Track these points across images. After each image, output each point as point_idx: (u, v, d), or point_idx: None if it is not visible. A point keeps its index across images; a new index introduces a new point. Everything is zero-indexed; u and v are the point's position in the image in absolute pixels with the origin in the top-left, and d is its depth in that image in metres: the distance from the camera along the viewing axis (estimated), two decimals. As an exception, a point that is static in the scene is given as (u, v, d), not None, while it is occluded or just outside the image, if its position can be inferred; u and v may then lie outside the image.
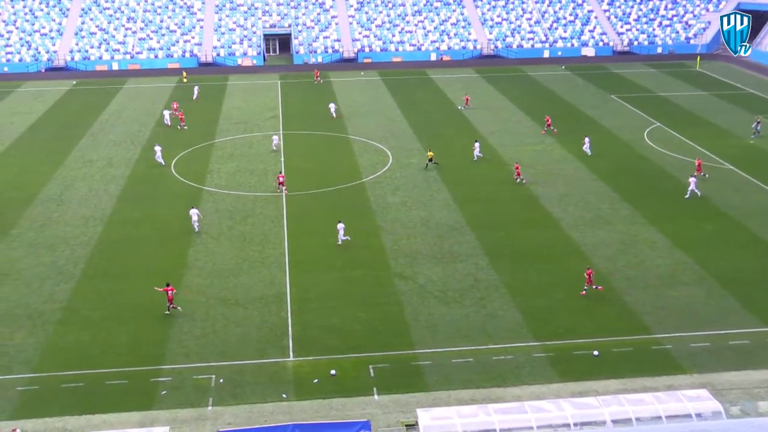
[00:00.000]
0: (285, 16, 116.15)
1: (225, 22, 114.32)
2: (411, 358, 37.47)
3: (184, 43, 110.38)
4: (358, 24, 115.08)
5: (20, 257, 48.44)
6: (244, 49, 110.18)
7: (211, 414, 33.59)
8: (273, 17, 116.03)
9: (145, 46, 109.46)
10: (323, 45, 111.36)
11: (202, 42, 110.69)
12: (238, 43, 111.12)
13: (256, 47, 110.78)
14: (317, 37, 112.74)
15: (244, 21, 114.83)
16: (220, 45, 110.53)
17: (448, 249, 48.72)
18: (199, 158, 67.45)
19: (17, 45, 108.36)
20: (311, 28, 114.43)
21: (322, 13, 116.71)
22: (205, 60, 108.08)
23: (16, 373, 36.57)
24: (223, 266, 46.86)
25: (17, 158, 68.52)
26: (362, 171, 63.33)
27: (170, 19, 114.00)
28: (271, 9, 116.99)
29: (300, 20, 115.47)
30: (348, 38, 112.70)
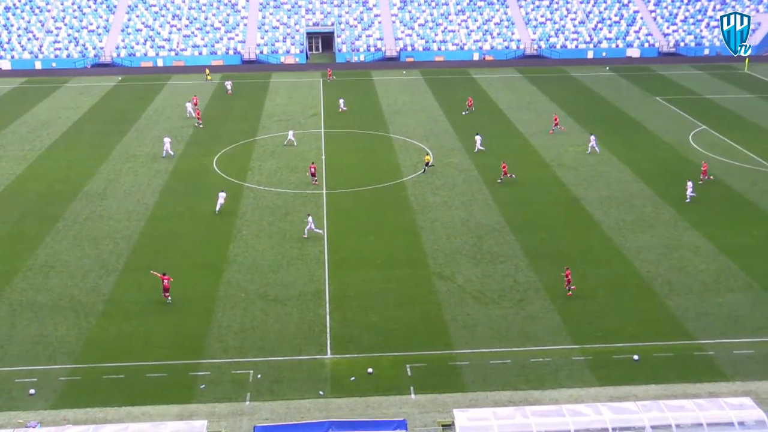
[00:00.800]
0: (328, 14, 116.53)
1: (269, 20, 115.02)
2: (448, 358, 37.34)
3: (228, 40, 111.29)
4: (400, 23, 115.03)
5: (65, 250, 49.22)
6: (287, 47, 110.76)
7: (248, 409, 33.81)
8: (316, 15, 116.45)
9: (190, 43, 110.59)
10: (366, 43, 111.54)
11: (245, 39, 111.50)
12: (282, 41, 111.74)
13: (299, 45, 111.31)
14: (360, 36, 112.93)
15: (288, 19, 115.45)
16: (263, 43, 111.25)
17: (488, 250, 48.48)
18: (241, 155, 67.94)
19: (65, 41, 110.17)
20: (354, 26, 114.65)
21: (365, 11, 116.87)
22: (248, 57, 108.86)
23: (59, 363, 37.17)
24: (263, 262, 47.14)
25: (64, 152, 69.65)
26: (403, 170, 63.29)
27: (215, 16, 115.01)
28: (315, 7, 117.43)
29: (343, 18, 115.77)
30: (391, 37, 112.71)
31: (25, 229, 52.41)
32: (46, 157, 68.54)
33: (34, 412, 33.61)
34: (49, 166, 65.75)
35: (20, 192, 59.41)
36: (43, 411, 33.74)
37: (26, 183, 61.53)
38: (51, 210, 55.58)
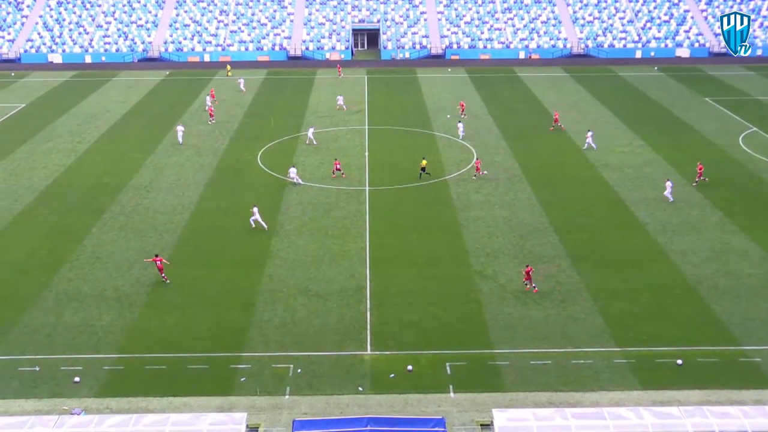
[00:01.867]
0: (374, 11, 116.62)
1: (315, 17, 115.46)
2: (488, 357, 37.16)
3: (274, 36, 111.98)
4: (446, 20, 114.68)
5: (111, 241, 49.96)
6: (332, 44, 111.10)
7: (287, 403, 33.99)
8: (362, 12, 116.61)
9: (236, 38, 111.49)
10: (411, 41, 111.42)
11: (291, 35, 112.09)
12: (327, 37, 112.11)
13: (345, 42, 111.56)
14: (405, 33, 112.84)
15: (334, 15, 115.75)
16: (309, 39, 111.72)
17: (530, 249, 48.12)
18: (285, 150, 68.32)
19: (114, 36, 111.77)
20: (400, 23, 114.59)
21: (411, 8, 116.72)
22: (294, 53, 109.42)
23: (103, 353, 37.75)
24: (304, 258, 47.35)
25: (111, 145, 70.69)
26: (446, 168, 63.10)
27: (261, 12, 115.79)
28: (361, 4, 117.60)
29: (389, 15, 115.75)
30: (436, 34, 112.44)
31: (73, 220, 53.30)
32: (94, 149, 69.63)
33: (78, 400, 34.19)
34: (96, 159, 66.80)
35: (69, 184, 60.43)
36: (87, 399, 34.30)
37: (74, 175, 62.57)
38: (98, 202, 56.47)
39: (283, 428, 31.93)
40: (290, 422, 31.41)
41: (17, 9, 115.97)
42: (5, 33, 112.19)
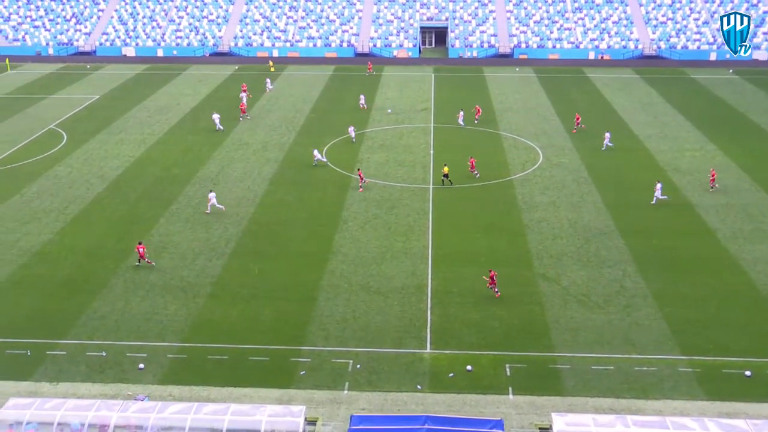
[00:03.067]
0: (443, 9, 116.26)
1: (383, 14, 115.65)
2: (549, 360, 36.74)
3: (342, 33, 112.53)
4: (515, 19, 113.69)
5: (177, 232, 50.86)
6: (400, 41, 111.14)
7: (346, 398, 34.13)
8: (431, 10, 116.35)
9: (305, 34, 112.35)
10: (479, 39, 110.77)
11: (359, 32, 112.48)
12: (395, 34, 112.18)
13: (413, 39, 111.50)
14: (473, 31, 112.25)
15: (402, 13, 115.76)
16: (377, 36, 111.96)
17: (595, 253, 47.41)
18: (350, 147, 68.58)
19: (186, 30, 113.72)
20: (468, 21, 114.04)
21: (480, 7, 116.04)
22: (361, 50, 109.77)
23: (168, 341, 38.45)
24: (367, 254, 47.48)
25: (181, 137, 71.95)
26: (511, 168, 62.58)
27: (330, 9, 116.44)
28: (429, 2, 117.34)
29: (457, 14, 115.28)
30: (505, 33, 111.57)
31: (142, 210, 54.41)
32: (164, 141, 70.97)
33: (142, 386, 34.90)
34: (166, 151, 68.07)
35: (139, 174, 61.68)
36: (150, 385, 35.00)
37: (144, 166, 63.85)
38: (166, 193, 57.53)
39: (340, 423, 32.07)
40: (348, 417, 31.52)
41: (94, 3, 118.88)
42: (82, 26, 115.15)
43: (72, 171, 62.55)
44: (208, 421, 29.58)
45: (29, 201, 56.26)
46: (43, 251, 48.31)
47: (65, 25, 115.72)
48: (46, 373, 36.02)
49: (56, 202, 55.97)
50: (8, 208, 54.99)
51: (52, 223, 52.37)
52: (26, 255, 47.78)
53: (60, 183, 59.74)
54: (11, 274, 45.23)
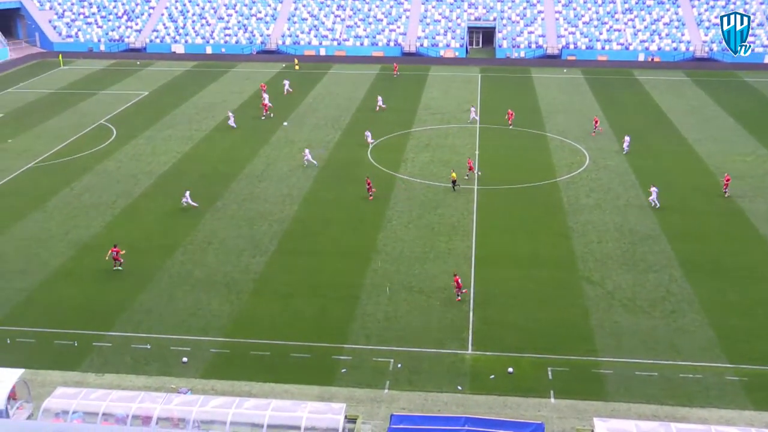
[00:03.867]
0: (491, 9, 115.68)
1: (431, 13, 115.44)
2: (592, 364, 36.34)
3: (390, 32, 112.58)
4: (564, 20, 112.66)
5: (222, 228, 51.34)
6: (447, 41, 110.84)
7: (386, 397, 34.14)
8: (479, 10, 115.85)
9: (352, 33, 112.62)
10: (527, 40, 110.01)
11: (407, 32, 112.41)
12: (442, 34, 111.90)
13: (460, 39, 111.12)
14: (521, 32, 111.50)
15: (450, 13, 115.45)
16: (424, 36, 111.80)
17: (641, 257, 46.78)
18: (395, 146, 68.59)
19: (235, 28, 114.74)
20: (516, 22, 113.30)
21: (528, 7, 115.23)
22: (408, 50, 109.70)
23: (211, 335, 38.84)
24: (410, 254, 47.44)
25: (227, 134, 72.59)
26: (557, 170, 62.03)
27: (378, 8, 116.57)
28: (477, 2, 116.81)
29: (505, 14, 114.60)
30: (553, 34, 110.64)
31: (188, 206, 54.97)
32: (211, 138, 71.68)
33: (185, 380, 35.30)
34: (212, 147, 68.75)
35: (185, 170, 62.38)
36: (193, 379, 35.38)
37: (191, 162, 64.57)
38: (212, 189, 58.10)
39: (380, 422, 32.09)
40: (388, 416, 31.50)
41: (145, 0, 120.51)
42: (133, 23, 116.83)
43: (120, 166, 63.51)
44: (249, 416, 29.80)
45: (79, 195, 57.26)
46: (91, 244, 49.14)
47: (117, 22, 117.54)
48: (93, 363, 36.63)
49: (105, 196, 56.88)
50: (59, 201, 56.04)
51: (101, 216, 53.23)
52: (75, 247, 48.65)
53: (109, 177, 60.69)
54: (60, 266, 46.09)
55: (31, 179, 60.99)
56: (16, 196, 57.27)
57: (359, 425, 31.01)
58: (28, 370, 34.11)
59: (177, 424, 29.80)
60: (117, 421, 29.87)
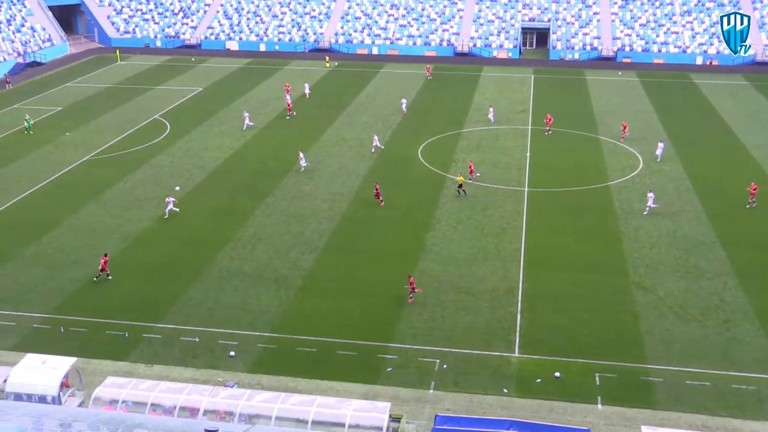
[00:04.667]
0: (545, 10, 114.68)
1: (484, 14, 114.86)
2: (641, 372, 35.77)
3: (443, 32, 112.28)
4: (620, 22, 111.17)
5: (272, 224, 51.69)
6: (500, 42, 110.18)
7: (431, 397, 34.03)
8: (533, 11, 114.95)
9: (405, 32, 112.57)
10: (581, 41, 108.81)
11: (460, 32, 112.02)
12: (496, 35, 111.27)
13: (513, 40, 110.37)
14: (576, 33, 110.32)
15: (504, 13, 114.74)
16: (477, 36, 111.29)
17: (694, 264, 45.91)
18: (446, 146, 68.37)
19: (288, 26, 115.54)
20: (571, 23, 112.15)
21: (583, 8, 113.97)
22: (461, 50, 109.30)
23: (258, 330, 39.13)
24: (458, 254, 47.23)
25: (279, 131, 73.11)
26: (609, 174, 61.21)
27: (431, 8, 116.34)
28: (532, 2, 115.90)
29: (560, 15, 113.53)
30: (608, 36, 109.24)
31: (238, 201, 55.52)
32: (262, 135, 72.25)
33: (232, 373, 35.61)
34: (264, 144, 69.29)
35: (236, 166, 62.98)
36: (240, 373, 35.68)
37: (242, 158, 65.15)
38: (262, 185, 58.54)
39: (425, 422, 31.98)
40: (433, 416, 31.41)
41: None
42: (189, 20, 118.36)
43: (174, 160, 64.36)
44: (294, 411, 29.93)
45: (132, 188, 58.17)
46: (142, 237, 49.88)
47: (173, 18, 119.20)
48: (142, 354, 37.17)
49: (157, 190, 57.68)
50: (113, 193, 57.00)
51: (153, 210, 53.99)
52: (127, 240, 49.42)
53: (162, 172, 61.54)
54: (112, 258, 46.76)
55: (87, 172, 62.18)
56: (73, 188, 58.43)
57: (403, 425, 30.94)
58: (80, 358, 34.74)
59: (223, 417, 30.07)
60: (164, 412, 30.25)
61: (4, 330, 39.25)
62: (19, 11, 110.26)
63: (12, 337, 38.67)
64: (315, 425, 29.52)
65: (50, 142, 69.65)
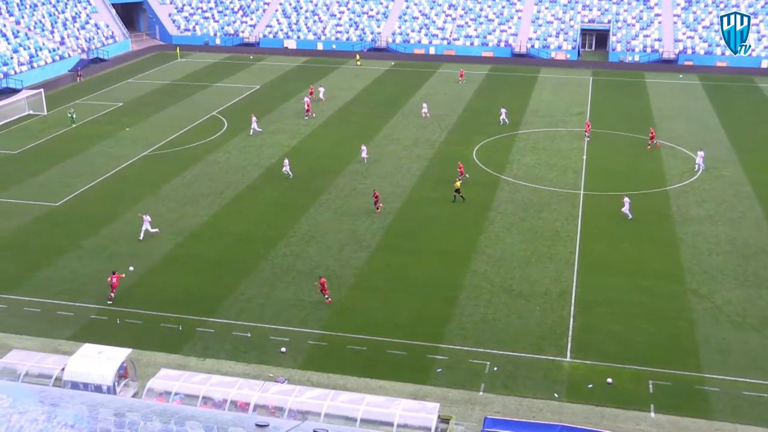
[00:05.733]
0: (605, 11, 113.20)
1: (543, 14, 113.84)
2: (696, 380, 35.07)
3: (500, 32, 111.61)
4: (683, 24, 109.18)
5: (325, 222, 51.96)
6: (559, 43, 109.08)
7: (481, 399, 33.84)
8: (593, 12, 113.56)
9: (463, 33, 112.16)
10: (642, 44, 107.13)
11: (518, 33, 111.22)
12: (554, 36, 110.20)
13: (572, 41, 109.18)
14: (637, 35, 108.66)
15: (563, 14, 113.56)
16: (535, 37, 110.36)
17: (754, 272, 44.85)
18: (501, 147, 67.92)
19: (346, 25, 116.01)
20: (632, 25, 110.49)
21: (645, 10, 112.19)
22: (518, 51, 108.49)
23: (309, 327, 39.35)
24: (511, 257, 46.89)
25: (334, 130, 73.42)
26: (667, 178, 60.14)
27: (490, 8, 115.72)
28: (592, 3, 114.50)
29: (621, 16, 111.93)
30: (670, 38, 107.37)
31: (292, 198, 55.91)
32: (318, 133, 72.65)
33: (283, 369, 35.88)
34: (319, 142, 69.67)
35: (292, 164, 63.35)
36: (291, 369, 35.93)
37: (297, 156, 65.52)
38: (316, 183, 58.88)
39: (474, 424, 31.81)
40: (482, 419, 31.21)
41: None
42: (248, 18, 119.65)
43: (230, 157, 65.10)
44: (343, 409, 29.99)
45: (189, 184, 59.01)
46: (198, 232, 50.57)
47: (233, 16, 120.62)
48: (195, 348, 37.67)
49: (213, 186, 58.42)
50: (170, 189, 57.91)
51: (209, 206, 54.71)
52: (182, 235, 50.15)
53: (218, 168, 62.31)
54: (168, 252, 47.59)
55: (145, 167, 63.28)
56: (131, 182, 59.52)
57: (452, 426, 30.78)
58: (134, 350, 35.32)
59: (273, 412, 30.26)
60: (215, 406, 30.57)
61: (62, 320, 40.19)
62: (84, 8, 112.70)
63: (70, 327, 39.55)
64: (363, 423, 29.52)
65: (110, 137, 71.06)
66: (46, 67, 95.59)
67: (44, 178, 60.61)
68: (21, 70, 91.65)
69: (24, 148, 68.27)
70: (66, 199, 56.16)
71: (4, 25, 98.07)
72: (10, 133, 72.95)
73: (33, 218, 52.89)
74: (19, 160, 65.34)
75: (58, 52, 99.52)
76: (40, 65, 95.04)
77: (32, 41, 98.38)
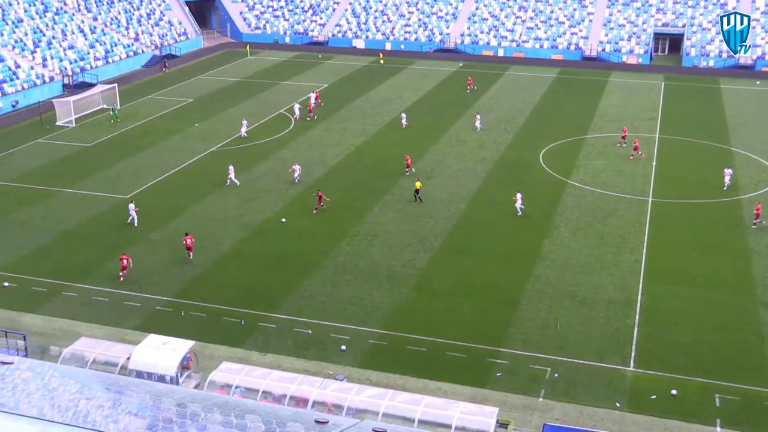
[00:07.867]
0: (680, 15, 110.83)
1: (615, 18, 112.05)
2: (765, 396, 34.06)
3: (571, 35, 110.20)
4: (762, 28, 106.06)
5: (388, 221, 52.00)
6: (630, 46, 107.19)
7: (540, 405, 33.44)
8: (667, 15, 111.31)
9: (532, 35, 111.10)
10: (718, 48, 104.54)
11: (588, 36, 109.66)
12: (626, 39, 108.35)
13: (644, 45, 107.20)
14: (712, 40, 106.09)
15: (636, 18, 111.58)
16: (606, 40, 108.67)
17: (829, 286, 43.40)
18: (568, 152, 67.03)
19: (415, 25, 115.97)
20: (707, 29, 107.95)
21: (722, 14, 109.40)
22: (588, 54, 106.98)
23: (370, 326, 39.42)
24: (575, 262, 46.24)
25: (399, 130, 73.32)
26: (741, 187, 58.56)
27: (561, 10, 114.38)
28: (666, 7, 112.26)
29: (696, 20, 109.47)
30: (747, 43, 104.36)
31: (356, 197, 56.10)
32: (383, 133, 72.77)
33: (342, 367, 36.01)
34: (384, 142, 69.78)
35: (356, 163, 63.70)
36: (350, 367, 36.04)
37: (362, 155, 65.82)
38: (380, 183, 58.96)
39: (532, 430, 31.46)
40: (541, 425, 30.85)
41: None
42: (318, 18, 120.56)
43: (296, 155, 65.62)
44: (401, 409, 29.97)
45: (255, 180, 59.70)
46: (262, 228, 51.13)
47: (302, 15, 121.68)
48: (256, 343, 38.08)
49: (278, 183, 59.00)
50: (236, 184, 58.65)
51: (273, 202, 55.26)
52: (247, 230, 50.76)
53: (284, 165, 62.82)
54: (232, 247, 48.22)
55: (213, 162, 64.24)
56: (199, 177, 60.49)
57: (510, 431, 30.51)
58: (197, 342, 35.87)
59: (331, 409, 30.41)
60: (274, 400, 30.85)
61: (129, 310, 41.06)
62: (158, 6, 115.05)
63: (136, 317, 40.39)
64: (422, 424, 29.46)
65: (179, 133, 72.36)
66: (120, 62, 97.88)
67: (115, 170, 62.04)
68: (96, 65, 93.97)
69: (97, 141, 70.00)
70: (135, 192, 57.34)
71: (82, 21, 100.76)
72: (85, 126, 74.86)
73: (104, 210, 54.16)
74: (93, 152, 67.01)
75: (132, 48, 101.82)
76: (114, 61, 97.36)
77: (108, 37, 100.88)
